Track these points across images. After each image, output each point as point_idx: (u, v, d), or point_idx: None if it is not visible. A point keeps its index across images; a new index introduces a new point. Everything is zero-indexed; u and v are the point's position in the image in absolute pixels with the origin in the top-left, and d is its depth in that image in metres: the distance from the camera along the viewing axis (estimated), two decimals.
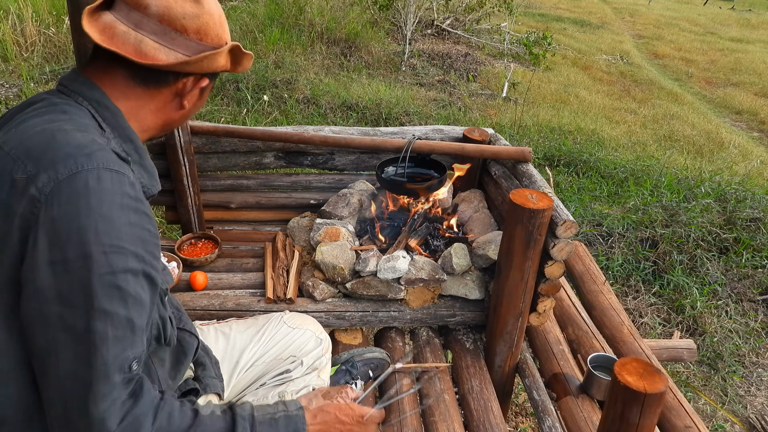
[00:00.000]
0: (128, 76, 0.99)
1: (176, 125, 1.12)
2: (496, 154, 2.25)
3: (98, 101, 0.98)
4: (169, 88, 1.02)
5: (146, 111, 1.03)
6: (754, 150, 5.95)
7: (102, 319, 0.82)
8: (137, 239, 0.86)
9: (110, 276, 0.82)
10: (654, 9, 14.83)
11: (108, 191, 0.84)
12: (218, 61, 1.02)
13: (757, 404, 2.72)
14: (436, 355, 2.08)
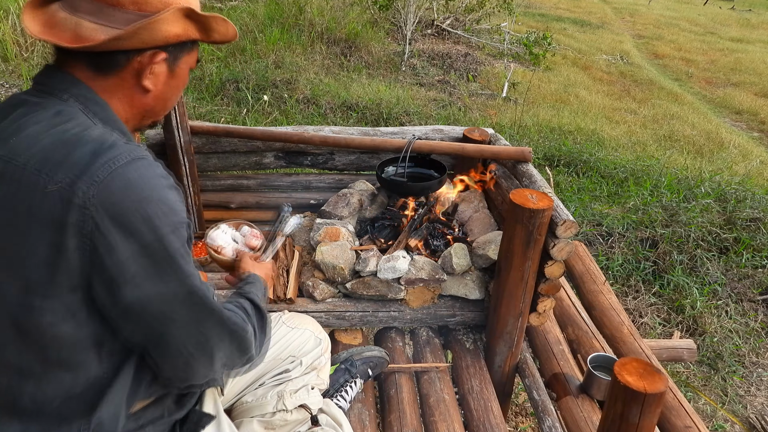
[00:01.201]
0: (88, 67, 0.95)
1: (159, 112, 1.07)
2: (496, 154, 2.25)
3: (85, 96, 0.95)
4: (125, 70, 0.96)
5: (116, 101, 0.98)
6: (754, 150, 5.94)
7: (193, 279, 0.93)
8: (183, 210, 0.94)
9: (181, 248, 0.91)
10: (654, 9, 14.83)
11: (150, 177, 0.89)
12: (165, 30, 0.94)
13: (757, 404, 2.72)
14: (436, 355, 2.08)
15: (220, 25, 1.04)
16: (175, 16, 0.95)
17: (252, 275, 1.32)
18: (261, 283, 1.31)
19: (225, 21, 1.05)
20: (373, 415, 1.80)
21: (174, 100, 1.09)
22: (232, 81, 5.44)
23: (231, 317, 1.03)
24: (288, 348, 1.49)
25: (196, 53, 1.08)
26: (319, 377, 1.54)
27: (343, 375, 1.80)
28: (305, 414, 1.43)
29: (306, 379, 1.48)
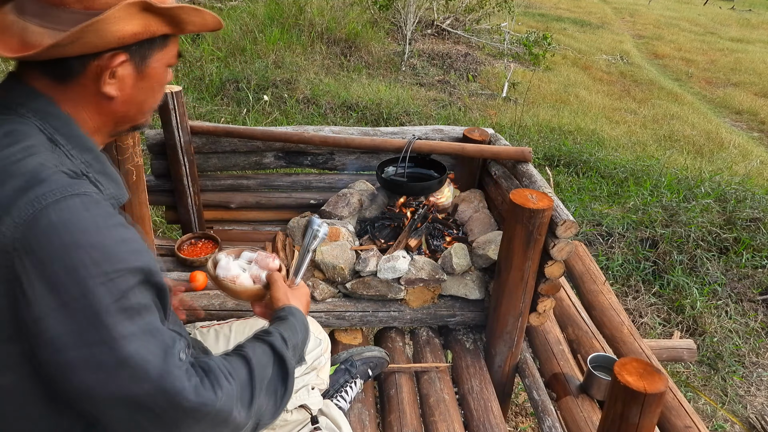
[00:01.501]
0: (45, 75, 0.86)
1: (135, 116, 0.97)
2: (496, 154, 2.25)
3: (45, 111, 0.85)
4: (84, 76, 0.86)
5: (82, 110, 0.90)
6: (754, 150, 5.94)
7: (131, 343, 0.78)
8: (132, 254, 0.81)
9: (116, 303, 0.77)
10: (654, 9, 14.82)
11: (83, 219, 0.77)
12: (117, 29, 0.83)
13: (757, 404, 2.72)
14: (436, 355, 2.08)
15: (191, 15, 0.92)
16: (126, 13, 0.83)
17: (287, 308, 1.14)
18: (298, 318, 1.12)
19: (198, 10, 0.93)
20: (373, 415, 1.81)
21: (152, 102, 0.98)
22: (232, 81, 5.45)
23: (196, 394, 0.82)
24: None
25: (172, 48, 0.96)
26: (319, 377, 1.54)
27: (343, 375, 1.80)
28: (305, 414, 1.43)
29: (306, 379, 1.48)
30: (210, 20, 0.96)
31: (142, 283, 0.82)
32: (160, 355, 0.80)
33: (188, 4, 1.03)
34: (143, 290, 0.82)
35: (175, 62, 0.99)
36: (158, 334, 0.82)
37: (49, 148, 0.84)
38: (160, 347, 0.81)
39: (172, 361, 0.81)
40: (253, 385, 0.92)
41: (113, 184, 0.93)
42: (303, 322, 1.13)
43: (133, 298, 0.80)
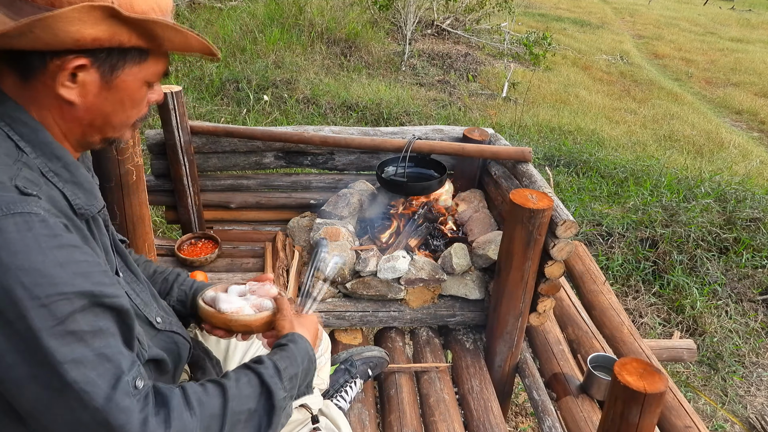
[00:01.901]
0: (12, 72, 0.83)
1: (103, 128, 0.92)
2: (496, 154, 2.25)
3: (11, 116, 0.83)
4: (45, 75, 0.82)
5: (47, 113, 0.86)
6: (754, 150, 5.94)
7: (74, 368, 0.75)
8: (77, 276, 0.77)
9: (59, 326, 0.74)
10: (654, 9, 14.83)
11: (16, 240, 0.73)
12: (73, 30, 0.78)
13: (757, 404, 2.72)
14: (436, 355, 2.08)
15: (168, 32, 0.85)
16: (85, 15, 0.78)
17: (290, 335, 1.09)
18: (300, 347, 1.07)
19: (177, 30, 0.86)
20: (373, 415, 1.81)
21: (121, 117, 0.92)
22: (232, 81, 5.45)
23: (142, 427, 0.79)
24: None
25: (153, 65, 0.91)
26: (318, 377, 1.54)
27: (342, 375, 1.80)
28: (306, 414, 1.43)
29: None
30: (195, 43, 0.90)
31: (92, 306, 0.78)
32: (110, 381, 0.78)
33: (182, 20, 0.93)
34: (95, 313, 0.79)
35: (155, 80, 0.94)
36: (109, 361, 0.79)
37: (13, 156, 0.82)
38: (110, 373, 0.78)
39: (123, 390, 0.78)
40: (224, 420, 0.88)
41: (83, 193, 0.90)
42: (306, 351, 1.07)
43: (80, 321, 0.76)
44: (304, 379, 1.06)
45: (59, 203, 0.85)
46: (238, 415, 0.90)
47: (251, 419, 0.93)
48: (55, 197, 0.85)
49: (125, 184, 1.88)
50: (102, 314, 0.80)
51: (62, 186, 0.86)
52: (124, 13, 0.80)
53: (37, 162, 0.85)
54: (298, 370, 1.03)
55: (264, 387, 0.95)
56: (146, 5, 0.84)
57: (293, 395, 1.02)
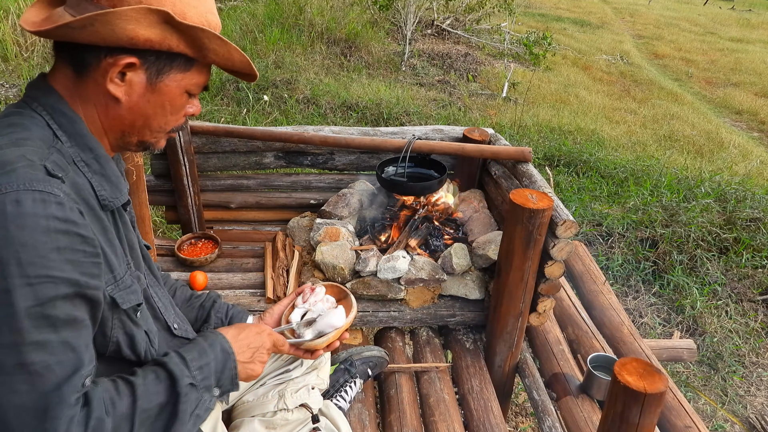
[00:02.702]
0: (68, 68, 0.90)
1: (141, 130, 0.97)
2: (496, 154, 2.25)
3: (53, 107, 0.90)
4: (97, 72, 0.89)
5: (92, 108, 0.93)
6: (754, 150, 5.95)
7: (37, 350, 0.77)
8: (67, 263, 0.79)
9: (37, 308, 0.77)
10: (654, 9, 14.83)
11: (29, 215, 0.76)
12: (128, 28, 0.84)
13: (757, 404, 2.72)
14: (436, 355, 2.08)
15: (213, 43, 0.92)
16: (142, 16, 0.85)
17: (214, 337, 1.10)
18: (213, 339, 1.08)
19: (222, 40, 0.92)
20: (373, 415, 1.80)
21: (160, 122, 0.97)
22: (232, 81, 5.45)
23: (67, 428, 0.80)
24: None
25: (196, 75, 0.96)
26: (319, 377, 1.54)
27: (342, 375, 1.80)
28: (306, 414, 1.43)
29: (307, 379, 1.48)
30: (236, 56, 0.96)
31: (74, 296, 0.81)
32: (66, 371, 0.80)
33: None
34: (74, 303, 0.81)
35: (196, 91, 0.99)
36: (73, 351, 0.81)
37: (49, 142, 0.87)
38: (69, 364, 0.80)
39: (74, 383, 0.81)
40: (133, 420, 0.89)
41: (109, 186, 0.94)
42: (219, 344, 1.08)
43: (59, 307, 0.79)
44: (221, 371, 1.06)
45: (84, 191, 0.89)
46: (148, 412, 0.92)
47: (161, 414, 0.94)
48: (80, 185, 0.89)
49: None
50: (80, 305, 0.83)
51: (90, 176, 0.91)
52: (177, 19, 0.86)
53: (71, 151, 0.90)
54: (209, 360, 1.04)
55: (168, 375, 0.97)
56: (198, 18, 0.91)
57: (209, 386, 1.03)
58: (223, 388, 1.07)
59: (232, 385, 1.09)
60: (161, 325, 1.14)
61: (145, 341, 1.02)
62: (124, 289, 0.95)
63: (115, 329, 0.96)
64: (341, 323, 1.31)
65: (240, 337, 1.14)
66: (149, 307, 1.11)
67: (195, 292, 1.42)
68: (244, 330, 1.17)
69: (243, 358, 1.12)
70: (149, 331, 1.05)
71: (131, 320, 0.99)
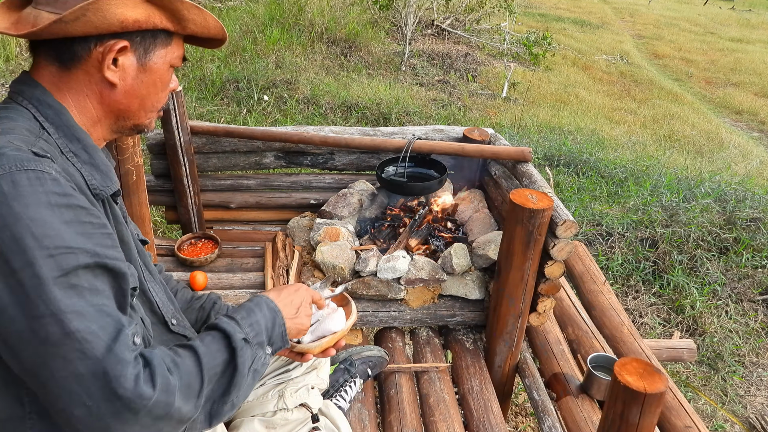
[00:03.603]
0: (53, 64, 0.91)
1: (136, 112, 0.99)
2: (496, 154, 2.25)
3: (39, 99, 0.91)
4: (88, 62, 0.91)
5: (85, 98, 0.93)
6: (754, 150, 5.95)
7: (77, 318, 0.77)
8: (80, 235, 0.80)
9: (63, 278, 0.77)
10: (654, 9, 14.83)
11: (28, 193, 0.77)
12: (118, 12, 0.87)
13: (757, 404, 2.72)
14: (436, 355, 2.08)
15: (192, 12, 0.94)
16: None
17: (259, 298, 1.10)
18: (256, 300, 1.09)
19: (199, 9, 0.94)
20: (373, 415, 1.80)
21: (154, 100, 1.00)
22: (232, 81, 5.45)
23: (135, 383, 0.79)
24: None
25: (175, 48, 0.99)
26: (318, 377, 1.54)
27: (342, 375, 1.80)
28: (306, 413, 1.43)
29: (307, 379, 1.48)
30: (212, 23, 0.98)
31: (94, 266, 0.81)
32: (111, 333, 0.79)
33: None
34: (95, 274, 0.82)
35: (178, 64, 1.01)
36: (110, 315, 0.81)
37: (35, 132, 0.88)
38: (111, 326, 0.80)
39: (124, 342, 0.80)
40: (202, 376, 0.90)
41: (99, 175, 0.94)
42: (263, 302, 1.09)
43: (82, 277, 0.79)
44: (272, 328, 1.07)
45: (75, 177, 0.89)
46: (214, 368, 0.93)
47: (226, 370, 0.95)
48: (71, 172, 0.89)
49: (125, 184, 1.88)
50: (101, 275, 0.83)
51: (80, 166, 0.92)
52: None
53: (59, 142, 0.91)
54: (258, 318, 1.04)
55: (223, 334, 0.97)
56: None
57: (261, 342, 1.03)
58: (275, 345, 1.07)
59: (283, 342, 1.10)
60: (158, 319, 1.13)
61: (142, 328, 1.01)
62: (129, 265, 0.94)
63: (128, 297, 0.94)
64: (339, 328, 1.32)
65: (282, 295, 1.15)
66: (145, 300, 1.10)
67: (196, 293, 1.42)
68: (284, 290, 1.18)
69: (289, 314, 1.13)
70: (144, 317, 1.04)
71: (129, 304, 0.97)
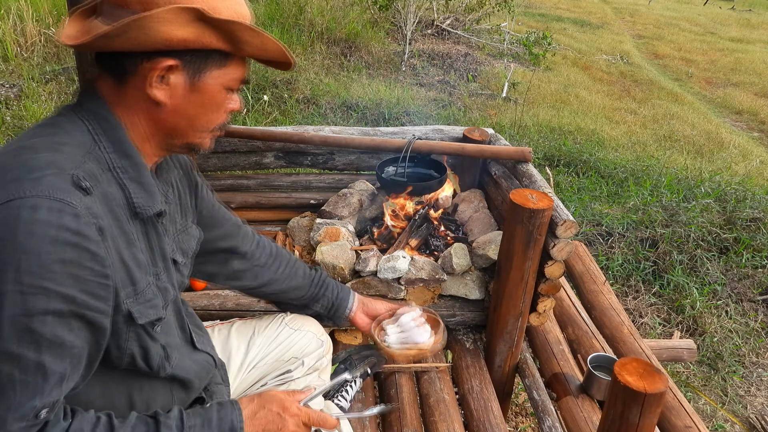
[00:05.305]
0: (109, 77, 0.91)
1: (186, 131, 0.96)
2: (496, 154, 2.25)
3: (96, 113, 0.90)
4: (136, 77, 0.89)
5: (135, 115, 0.93)
6: (754, 150, 5.94)
7: (8, 362, 0.75)
8: (69, 278, 0.77)
9: (24, 318, 0.74)
10: (654, 9, 14.82)
11: (41, 222, 0.75)
12: (163, 30, 0.83)
13: (757, 404, 2.72)
14: (436, 355, 2.08)
15: (247, 34, 0.89)
16: (175, 16, 0.84)
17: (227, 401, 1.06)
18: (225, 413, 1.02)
19: (256, 31, 0.90)
20: (373, 415, 1.81)
21: (204, 121, 0.97)
22: None
23: None
24: (291, 350, 1.49)
25: (233, 70, 0.95)
26: (320, 378, 1.54)
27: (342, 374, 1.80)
28: None
29: (308, 380, 1.48)
30: (271, 46, 0.93)
31: (69, 314, 0.79)
32: (25, 397, 0.77)
33: None
34: (66, 323, 0.79)
35: (235, 86, 0.98)
36: (43, 378, 0.78)
37: (87, 147, 0.87)
38: (32, 390, 0.77)
39: (21, 413, 0.77)
40: None
41: (144, 194, 0.93)
42: (230, 422, 1.01)
43: (48, 324, 0.76)
44: None
45: (112, 202, 0.88)
46: None
47: None
48: (110, 195, 0.88)
49: None
50: (75, 327, 0.80)
51: (127, 183, 0.91)
52: (209, 15, 0.85)
53: (110, 157, 0.90)
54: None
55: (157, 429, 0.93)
56: (228, 11, 0.89)
57: None
58: None
59: None
60: (186, 338, 1.13)
61: (160, 355, 1.00)
62: (144, 303, 0.93)
63: (130, 342, 0.94)
64: (423, 340, 1.43)
65: (258, 415, 1.08)
66: (178, 318, 1.10)
67: (306, 268, 1.50)
68: (265, 407, 1.09)
69: None
70: (167, 345, 1.03)
71: (148, 334, 0.97)
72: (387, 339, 1.43)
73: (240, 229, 1.37)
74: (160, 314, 0.97)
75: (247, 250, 1.36)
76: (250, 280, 1.39)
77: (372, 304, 1.54)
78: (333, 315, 1.52)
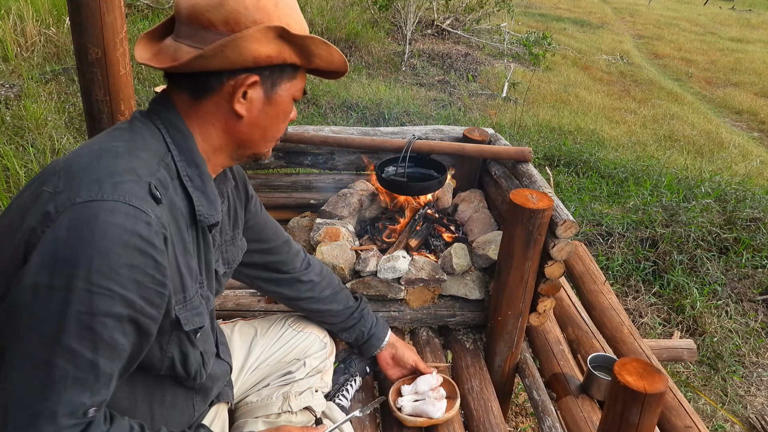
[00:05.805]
0: (186, 93, 0.96)
1: (257, 142, 1.02)
2: (496, 154, 2.25)
3: (171, 122, 0.95)
4: (219, 94, 0.94)
5: (210, 127, 0.97)
6: (754, 150, 5.95)
7: (66, 357, 0.77)
8: (133, 283, 0.80)
9: (87, 316, 0.77)
10: (654, 9, 14.82)
11: (116, 226, 0.79)
12: (253, 49, 0.89)
13: (757, 404, 2.72)
14: (436, 355, 2.08)
15: (320, 48, 0.97)
16: (263, 35, 0.89)
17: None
18: None
19: (326, 44, 0.97)
20: (373, 415, 1.80)
21: (274, 131, 1.03)
22: None
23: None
24: (294, 351, 1.50)
25: (299, 82, 1.02)
26: (323, 380, 1.55)
27: (342, 374, 1.80)
28: (310, 416, 1.43)
29: (311, 382, 1.48)
30: (336, 57, 1.00)
31: (126, 319, 0.81)
32: (76, 393, 0.79)
33: None
34: (122, 327, 0.81)
35: (299, 96, 1.04)
36: (96, 377, 0.80)
37: (160, 155, 0.92)
38: (85, 387, 0.80)
39: (72, 409, 0.79)
40: None
41: (207, 204, 0.98)
42: None
43: (108, 326, 0.79)
44: None
45: (177, 209, 0.92)
46: None
47: None
48: (176, 202, 0.92)
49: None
50: (130, 332, 0.83)
51: (192, 191, 0.96)
52: (290, 32, 0.92)
53: (180, 165, 0.95)
54: None
55: None
56: (298, 27, 0.96)
57: None
58: None
59: None
60: (212, 347, 1.16)
61: (198, 362, 1.04)
62: (191, 310, 0.96)
63: (172, 345, 0.96)
64: (436, 416, 1.52)
65: None
66: (212, 327, 1.13)
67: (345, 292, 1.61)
68: None
69: None
70: (205, 352, 1.06)
71: (189, 340, 1.00)
72: (401, 402, 1.48)
73: (290, 248, 1.45)
74: (204, 322, 1.00)
75: (293, 267, 1.45)
76: (291, 291, 1.49)
77: (402, 351, 1.66)
78: (361, 347, 1.64)
